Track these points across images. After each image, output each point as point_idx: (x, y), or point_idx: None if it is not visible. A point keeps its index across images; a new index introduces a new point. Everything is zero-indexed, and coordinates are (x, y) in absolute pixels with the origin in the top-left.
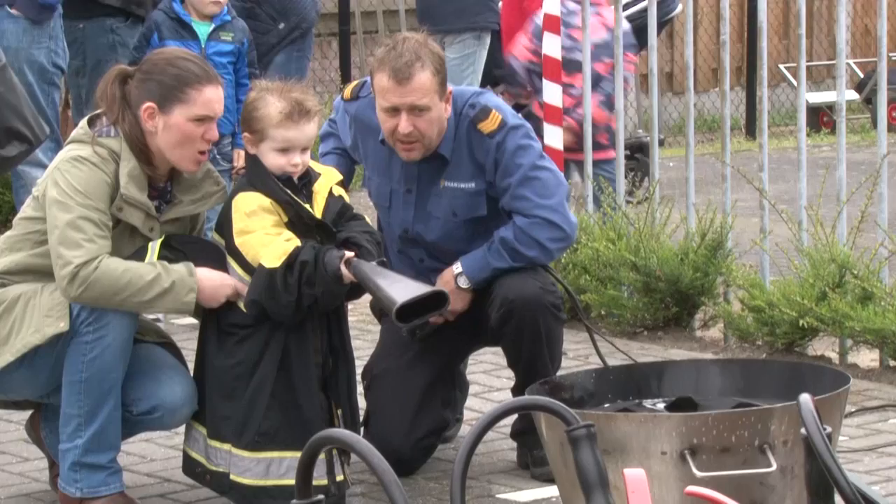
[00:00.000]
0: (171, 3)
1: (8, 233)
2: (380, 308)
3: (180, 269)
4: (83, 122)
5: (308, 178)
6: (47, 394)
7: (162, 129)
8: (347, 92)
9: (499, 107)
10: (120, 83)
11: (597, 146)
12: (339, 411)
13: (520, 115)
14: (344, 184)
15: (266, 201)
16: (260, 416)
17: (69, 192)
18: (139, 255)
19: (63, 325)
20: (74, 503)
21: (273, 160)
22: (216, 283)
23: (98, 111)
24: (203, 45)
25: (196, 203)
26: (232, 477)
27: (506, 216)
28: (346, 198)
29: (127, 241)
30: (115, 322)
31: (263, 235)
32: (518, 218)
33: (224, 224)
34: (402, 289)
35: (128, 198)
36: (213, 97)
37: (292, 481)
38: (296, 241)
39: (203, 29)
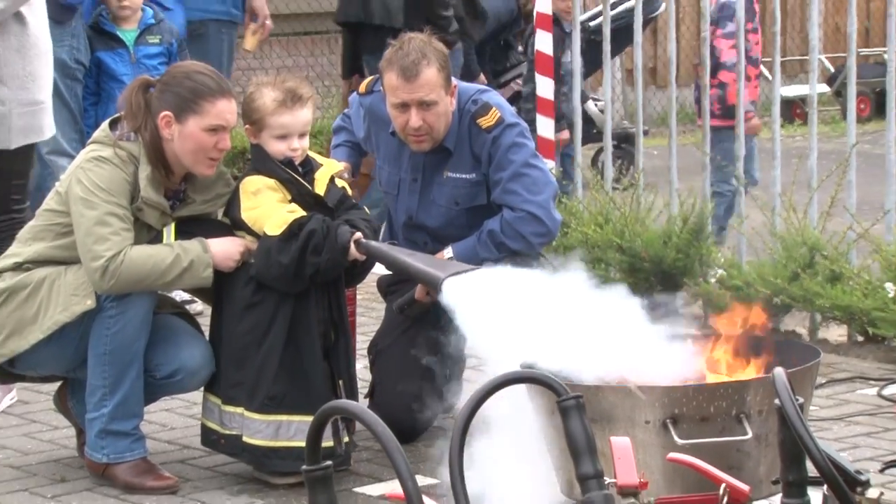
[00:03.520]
0: (98, 18)
1: (31, 222)
2: (385, 286)
3: (196, 247)
4: (104, 125)
5: (310, 165)
6: (73, 368)
7: (177, 137)
8: (362, 87)
9: (499, 105)
10: (142, 92)
11: None
12: (341, 382)
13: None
14: (353, 173)
15: (270, 181)
16: (269, 381)
17: (93, 189)
18: (155, 241)
19: (90, 303)
20: (101, 468)
21: (274, 147)
22: (227, 246)
23: (118, 115)
24: (132, 51)
25: (207, 203)
26: (244, 438)
27: (496, 208)
28: (349, 189)
29: (144, 234)
30: (135, 297)
31: (268, 208)
32: (506, 211)
33: (232, 205)
34: (432, 263)
35: (147, 200)
36: (225, 109)
37: (300, 443)
38: (299, 212)
39: (129, 35)
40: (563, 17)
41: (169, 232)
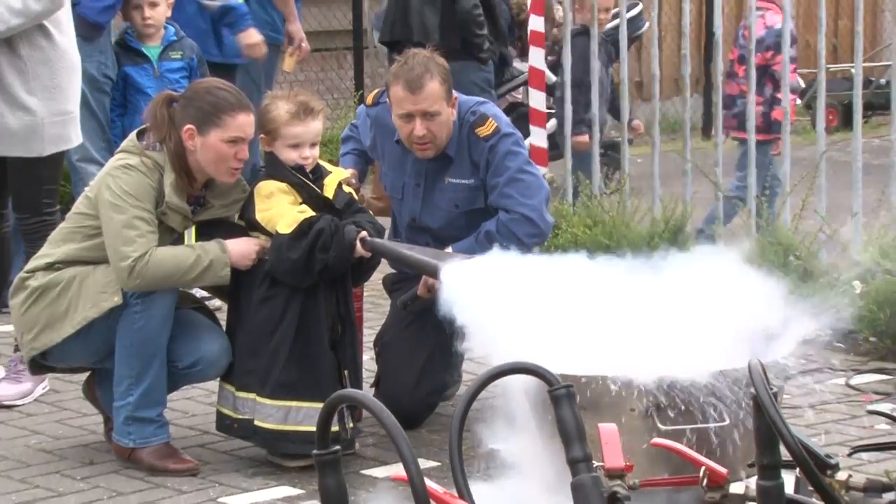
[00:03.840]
0: (124, 35)
1: (62, 224)
2: (390, 284)
3: (215, 247)
4: (132, 136)
5: (320, 172)
6: (101, 359)
7: (200, 148)
8: (369, 99)
9: (496, 115)
10: (166, 106)
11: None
12: (346, 372)
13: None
14: (359, 177)
15: (282, 185)
16: (280, 369)
17: (122, 195)
18: (178, 243)
19: (117, 300)
20: (127, 452)
21: (287, 155)
22: (243, 246)
23: (144, 126)
24: (156, 65)
25: (226, 208)
26: (256, 422)
27: (493, 211)
28: (355, 195)
29: (168, 237)
30: (159, 294)
31: (280, 209)
32: (502, 213)
33: (247, 207)
34: (432, 255)
35: (171, 205)
36: (244, 122)
37: (308, 427)
38: (309, 213)
39: (153, 51)
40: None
41: (190, 234)
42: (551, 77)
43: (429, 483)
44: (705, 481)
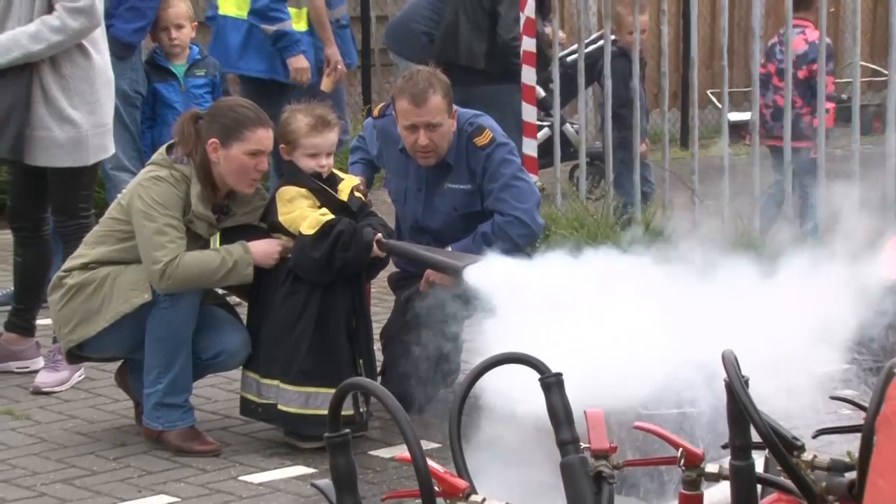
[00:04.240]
0: (153, 54)
1: (96, 228)
2: (395, 281)
3: (238, 250)
4: (162, 150)
5: (334, 179)
6: (132, 350)
7: (223, 161)
8: (376, 111)
9: (492, 127)
10: (193, 123)
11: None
12: (361, 360)
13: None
14: (367, 184)
15: (302, 190)
16: (301, 358)
17: (152, 204)
18: (204, 248)
19: (147, 296)
20: (156, 434)
21: (305, 163)
22: (266, 246)
23: (172, 141)
24: (182, 81)
25: (247, 215)
26: (279, 406)
27: (489, 214)
28: (365, 200)
29: (195, 242)
30: (185, 292)
31: (303, 211)
32: (497, 216)
33: (269, 211)
34: (446, 255)
35: (197, 213)
36: (264, 137)
37: (326, 411)
38: (330, 216)
39: (179, 69)
40: (629, 51)
41: (215, 240)
42: (541, 92)
43: (430, 463)
44: (683, 461)
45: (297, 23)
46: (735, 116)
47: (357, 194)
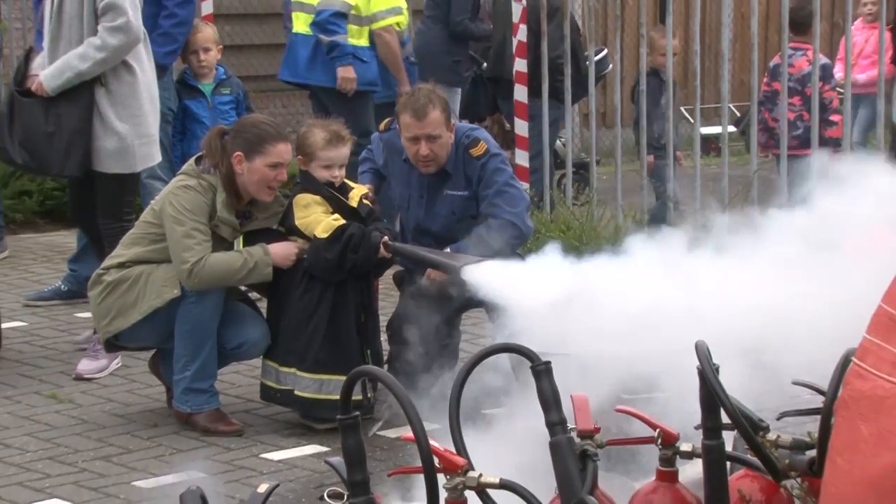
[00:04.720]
0: (183, 74)
1: (131, 231)
2: (399, 279)
3: (259, 251)
4: (191, 161)
5: (345, 188)
6: (163, 341)
7: (246, 172)
8: (382, 126)
9: (486, 139)
10: (219, 138)
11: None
12: (369, 351)
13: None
14: (375, 192)
15: (317, 198)
16: (316, 348)
17: (182, 210)
18: (229, 249)
19: (176, 292)
20: (185, 416)
21: (320, 173)
22: (283, 248)
23: (200, 154)
24: (209, 99)
25: (267, 219)
26: (296, 392)
27: (484, 218)
28: (372, 207)
29: (219, 245)
30: (210, 289)
31: (317, 216)
32: (491, 220)
33: (287, 216)
34: (445, 255)
35: (222, 219)
36: (283, 150)
37: (338, 396)
38: (341, 220)
39: (207, 88)
40: (661, 70)
41: (238, 242)
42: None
43: (432, 442)
44: (660, 441)
45: (358, 38)
46: (706, 130)
47: (365, 202)
